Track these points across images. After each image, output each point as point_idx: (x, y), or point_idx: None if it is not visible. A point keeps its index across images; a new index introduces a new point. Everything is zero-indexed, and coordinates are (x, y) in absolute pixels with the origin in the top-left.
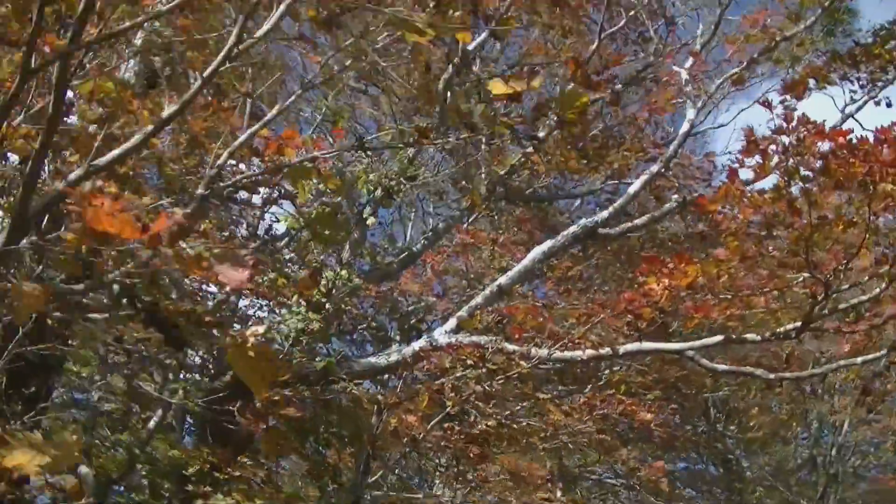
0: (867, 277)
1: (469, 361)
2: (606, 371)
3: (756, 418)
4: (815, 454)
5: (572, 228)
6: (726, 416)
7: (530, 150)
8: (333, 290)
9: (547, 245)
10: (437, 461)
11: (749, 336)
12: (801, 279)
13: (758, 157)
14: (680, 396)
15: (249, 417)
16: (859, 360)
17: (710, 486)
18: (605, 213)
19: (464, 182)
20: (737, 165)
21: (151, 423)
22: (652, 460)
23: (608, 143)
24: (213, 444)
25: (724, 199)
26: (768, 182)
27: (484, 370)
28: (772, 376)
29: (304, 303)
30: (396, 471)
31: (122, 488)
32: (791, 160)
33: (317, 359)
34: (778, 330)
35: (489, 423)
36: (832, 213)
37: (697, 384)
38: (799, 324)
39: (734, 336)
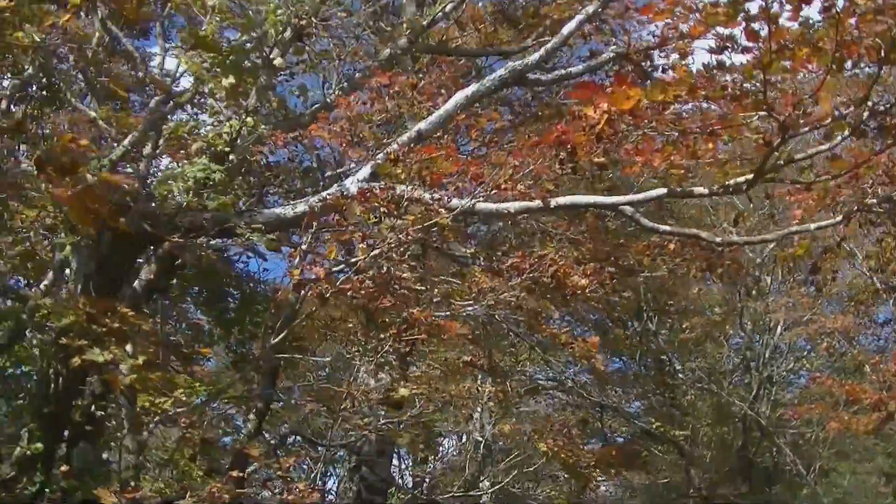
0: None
1: (382, 209)
2: (536, 245)
3: (689, 319)
4: (749, 356)
5: (499, 72)
6: (659, 315)
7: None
8: (238, 140)
9: (471, 89)
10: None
11: (696, 189)
12: (755, 118)
13: None
14: (617, 269)
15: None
16: (812, 226)
17: (643, 386)
18: (534, 56)
19: (383, 27)
20: None
21: (42, 286)
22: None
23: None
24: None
25: (673, 7)
26: None
27: (399, 220)
28: (718, 239)
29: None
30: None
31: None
32: None
33: (212, 201)
34: (727, 182)
35: (404, 276)
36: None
37: (635, 259)
38: (750, 176)
39: (678, 189)
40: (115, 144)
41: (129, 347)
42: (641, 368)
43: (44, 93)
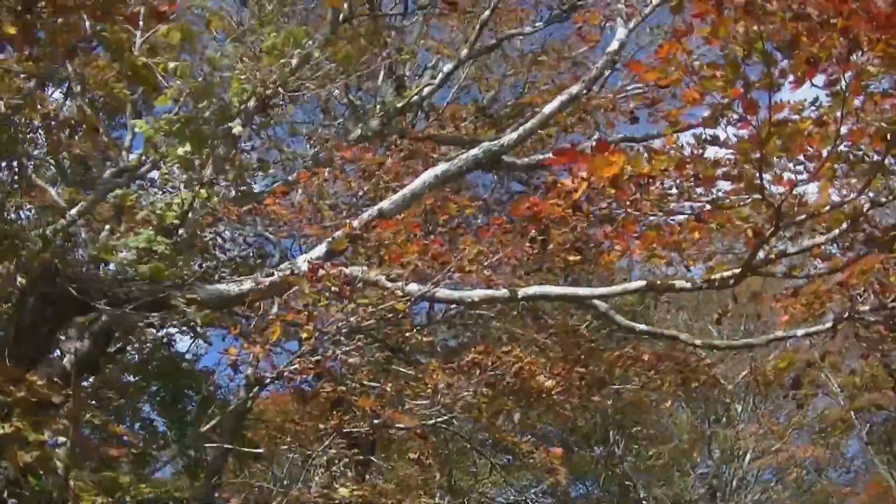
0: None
1: (334, 289)
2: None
3: (656, 445)
4: (716, 485)
5: (473, 151)
6: (626, 440)
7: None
8: (190, 213)
9: (441, 168)
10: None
11: (677, 283)
12: (748, 202)
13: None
14: (587, 377)
15: None
16: (800, 332)
17: None
18: (512, 136)
19: (355, 101)
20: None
21: None
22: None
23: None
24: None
25: (665, 66)
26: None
27: (351, 304)
28: (698, 342)
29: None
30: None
31: None
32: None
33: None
34: (713, 276)
35: (350, 361)
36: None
37: (606, 369)
38: (737, 270)
39: (658, 282)
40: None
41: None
42: (605, 493)
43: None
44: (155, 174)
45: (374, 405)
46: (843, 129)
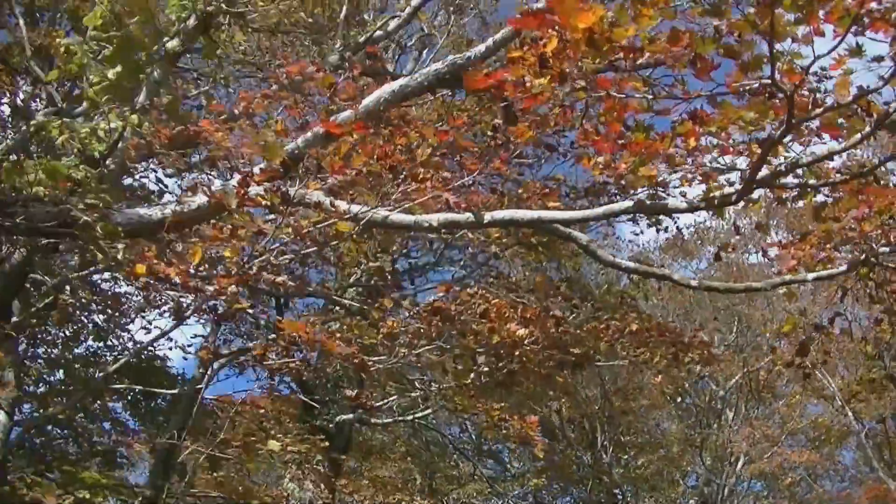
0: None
1: (265, 202)
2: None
3: (646, 454)
4: (707, 493)
5: (436, 65)
6: (614, 448)
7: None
8: (119, 143)
9: (399, 83)
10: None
11: (671, 202)
12: (756, 85)
13: None
14: (563, 324)
15: None
16: (810, 275)
17: None
18: (480, 48)
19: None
20: None
21: None
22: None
23: None
24: None
25: None
26: None
27: (288, 224)
28: (693, 283)
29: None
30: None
31: None
32: None
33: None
34: (712, 194)
35: (278, 280)
36: None
37: (592, 345)
38: (740, 185)
39: (648, 202)
40: None
41: None
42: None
43: None
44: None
45: (309, 334)
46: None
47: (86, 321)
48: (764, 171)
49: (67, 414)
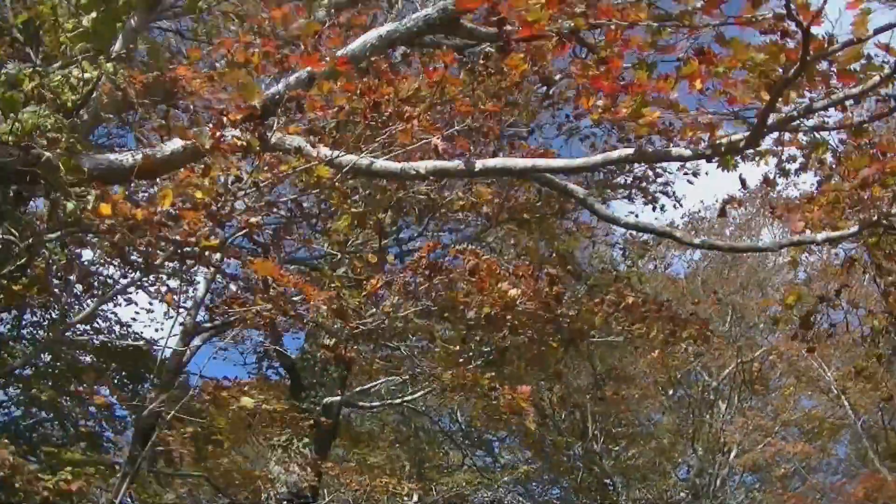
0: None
1: (240, 143)
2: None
3: (637, 445)
4: (699, 484)
5: (426, 10)
6: (604, 438)
7: None
8: (94, 93)
9: (386, 28)
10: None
11: (673, 150)
12: (769, 15)
13: None
14: (557, 281)
15: None
16: (820, 236)
17: None
18: None
19: None
20: None
21: None
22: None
23: None
24: None
25: None
26: None
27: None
28: (697, 241)
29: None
30: None
31: None
32: None
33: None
34: (720, 140)
35: (253, 220)
36: None
37: (586, 320)
38: (748, 132)
39: (650, 149)
40: None
41: None
42: (582, 495)
43: None
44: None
45: (284, 276)
46: None
47: (67, 297)
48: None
49: (52, 397)
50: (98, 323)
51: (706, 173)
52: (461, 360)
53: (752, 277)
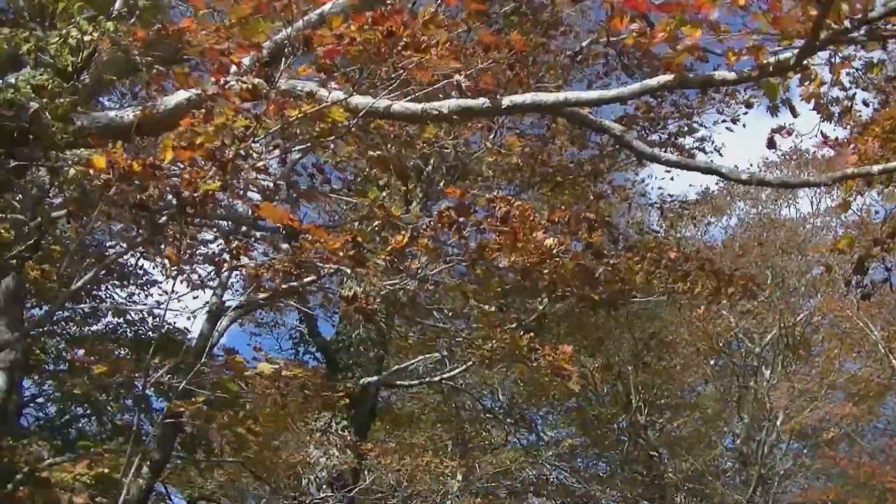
0: None
1: (245, 87)
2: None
3: (682, 416)
4: (746, 451)
5: None
6: (650, 410)
7: None
8: (96, 54)
9: None
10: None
11: (716, 74)
12: None
13: None
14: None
15: None
16: (875, 168)
17: (632, 488)
18: None
19: None
20: None
21: None
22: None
23: None
24: None
25: None
26: None
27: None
28: (743, 176)
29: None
30: None
31: None
32: None
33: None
34: (766, 60)
35: (259, 164)
36: None
37: (627, 279)
38: (799, 46)
39: (692, 76)
40: None
41: None
42: (628, 468)
43: None
44: None
45: (294, 222)
46: None
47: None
48: None
49: (86, 391)
50: (130, 315)
51: (743, 126)
52: (496, 322)
53: (791, 241)
